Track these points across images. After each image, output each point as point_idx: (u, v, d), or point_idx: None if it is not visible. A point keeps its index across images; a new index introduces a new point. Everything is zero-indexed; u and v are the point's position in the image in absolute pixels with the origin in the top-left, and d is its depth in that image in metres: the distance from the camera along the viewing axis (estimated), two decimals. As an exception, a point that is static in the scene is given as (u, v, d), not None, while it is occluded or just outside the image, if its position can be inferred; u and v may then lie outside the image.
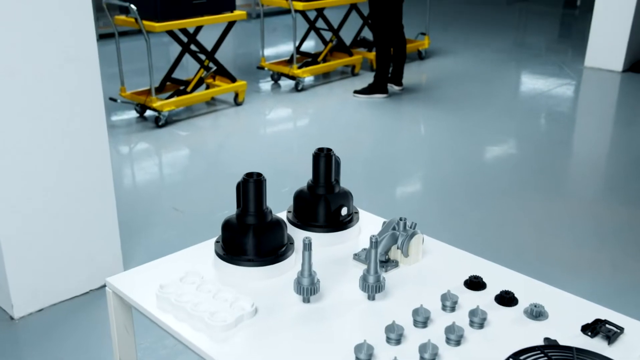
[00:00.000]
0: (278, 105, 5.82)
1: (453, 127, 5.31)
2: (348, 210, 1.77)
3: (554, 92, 6.33)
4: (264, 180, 1.58)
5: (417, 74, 6.80)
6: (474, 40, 8.23)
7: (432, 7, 7.46)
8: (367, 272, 1.47)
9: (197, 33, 5.39)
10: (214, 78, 5.60)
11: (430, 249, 1.73)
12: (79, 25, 2.56)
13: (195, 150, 4.91)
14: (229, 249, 1.59)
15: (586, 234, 3.68)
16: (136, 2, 4.79)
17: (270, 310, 1.45)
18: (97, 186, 2.89)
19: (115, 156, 4.54)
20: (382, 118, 5.52)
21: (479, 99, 6.00)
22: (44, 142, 2.62)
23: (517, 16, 10.72)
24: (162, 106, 5.00)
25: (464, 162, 4.64)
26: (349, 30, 6.87)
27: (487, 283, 1.56)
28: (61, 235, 2.81)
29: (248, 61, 6.98)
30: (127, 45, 6.65)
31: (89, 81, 2.66)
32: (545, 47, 8.28)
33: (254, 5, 9.42)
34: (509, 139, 5.18)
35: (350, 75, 6.56)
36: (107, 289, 1.57)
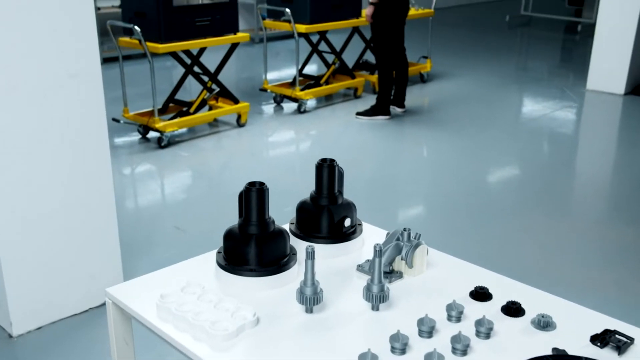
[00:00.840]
0: (280, 127, 5.83)
1: (456, 148, 5.30)
2: (351, 221, 1.75)
3: (556, 114, 6.34)
4: (267, 190, 1.57)
5: (420, 96, 6.82)
6: (476, 64, 8.27)
7: (433, 31, 7.51)
8: (370, 282, 1.45)
9: (200, 55, 5.41)
10: (216, 100, 5.62)
11: (434, 261, 1.70)
12: (82, 41, 2.57)
13: (198, 170, 4.90)
14: (231, 259, 1.57)
15: (591, 254, 3.64)
16: (140, 24, 4.82)
17: (273, 320, 1.43)
18: (99, 204, 2.87)
19: (118, 176, 4.53)
20: (384, 139, 5.52)
21: (481, 121, 6.00)
22: (45, 157, 2.61)
23: (518, 41, 10.79)
24: (164, 127, 5.01)
25: (467, 182, 4.63)
26: (352, 53, 6.91)
27: (493, 294, 1.53)
28: (61, 252, 2.78)
29: (251, 84, 7.01)
30: (130, 69, 6.70)
31: (92, 97, 2.66)
32: (547, 71, 8.32)
33: (257, 30, 9.49)
34: (511, 160, 5.17)
35: (352, 98, 6.58)
36: (107, 299, 1.54)
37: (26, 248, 2.66)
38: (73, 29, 2.53)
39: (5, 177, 2.53)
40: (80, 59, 2.58)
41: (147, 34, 4.85)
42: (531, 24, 11.72)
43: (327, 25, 6.13)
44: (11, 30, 2.39)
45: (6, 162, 2.52)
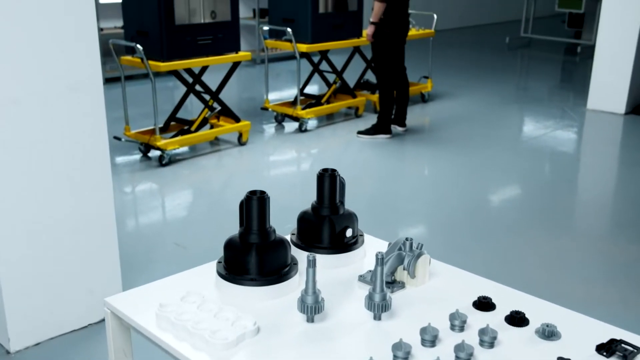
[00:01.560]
0: (282, 145, 5.83)
1: (457, 166, 5.30)
2: (353, 232, 1.74)
3: (557, 133, 6.34)
4: (268, 198, 1.56)
5: (420, 115, 6.83)
6: (476, 84, 8.30)
7: (434, 51, 7.55)
8: (372, 291, 1.43)
9: (202, 73, 5.44)
10: (218, 118, 5.63)
11: (436, 271, 1.69)
12: (84, 54, 2.58)
13: (199, 188, 4.90)
14: (231, 268, 1.55)
15: (594, 270, 3.62)
16: (142, 42, 4.84)
17: (273, 330, 1.41)
18: (99, 219, 2.86)
19: (118, 193, 4.52)
20: (385, 158, 5.52)
21: (482, 140, 6.01)
22: (46, 171, 2.61)
23: (518, 62, 10.85)
24: (165, 145, 5.01)
25: (468, 200, 4.61)
26: (353, 73, 6.94)
27: (497, 304, 1.51)
28: (61, 268, 2.76)
29: (252, 104, 7.03)
30: (132, 89, 6.73)
31: (94, 111, 2.67)
32: (547, 91, 8.34)
33: (259, 51, 9.54)
34: (513, 178, 5.16)
35: (353, 117, 6.59)
36: (106, 309, 1.53)
37: (25, 263, 2.65)
38: (75, 42, 2.54)
39: (6, 191, 2.52)
40: (82, 73, 2.59)
41: (149, 52, 4.88)
42: (531, 45, 11.79)
43: (328, 44, 6.16)
44: (14, 43, 2.40)
45: (6, 176, 2.51)
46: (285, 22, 5.95)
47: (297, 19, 5.91)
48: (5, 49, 2.39)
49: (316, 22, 5.91)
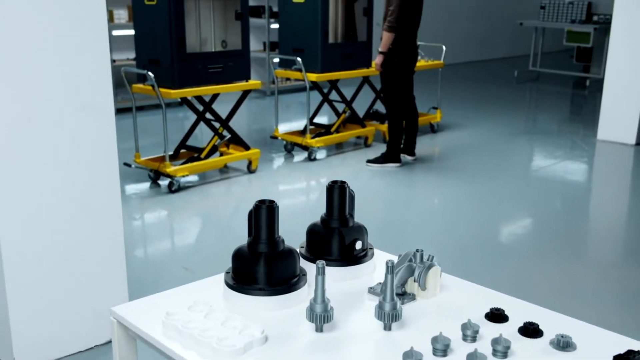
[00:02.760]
0: (291, 174, 5.84)
1: (467, 194, 5.28)
2: (363, 244, 1.72)
3: (567, 163, 6.32)
4: (277, 208, 1.54)
5: (430, 145, 6.84)
6: (486, 116, 8.32)
7: (443, 83, 7.59)
8: (382, 300, 1.40)
9: (212, 101, 5.48)
10: (227, 146, 5.65)
11: (447, 284, 1.66)
12: (95, 73, 2.60)
13: (208, 215, 4.89)
14: (240, 278, 1.53)
15: (608, 297, 3.56)
16: (154, 70, 4.90)
17: (281, 339, 1.38)
18: (108, 242, 2.85)
19: (127, 219, 4.51)
20: (395, 186, 5.51)
21: (492, 169, 5.99)
22: (56, 191, 2.61)
23: (527, 95, 10.88)
24: (175, 171, 5.03)
25: (478, 227, 4.58)
26: (362, 103, 6.97)
27: (509, 316, 1.48)
28: (68, 289, 2.75)
29: (262, 135, 7.06)
30: (143, 120, 6.79)
31: (104, 129, 2.68)
32: (557, 123, 8.34)
33: (269, 83, 9.63)
34: (524, 206, 5.12)
35: (363, 147, 6.60)
36: (112, 318, 1.51)
37: (33, 284, 2.63)
38: (88, 64, 2.57)
39: (15, 211, 2.52)
40: (95, 94, 2.61)
41: (160, 80, 4.92)
42: (540, 79, 11.83)
43: (337, 74, 6.20)
44: (28, 62, 2.43)
45: (17, 195, 2.51)
46: (295, 52, 6.01)
47: (307, 48, 5.96)
48: (20, 69, 2.41)
49: (326, 51, 5.96)
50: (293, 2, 5.98)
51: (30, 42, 2.42)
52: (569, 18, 11.71)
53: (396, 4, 5.41)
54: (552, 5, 11.91)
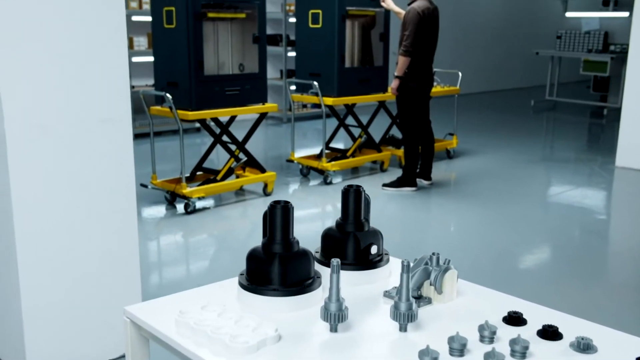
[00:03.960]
0: (307, 197, 5.83)
1: (483, 218, 5.23)
2: (378, 249, 1.70)
3: (586, 189, 6.26)
4: (291, 208, 1.54)
5: (446, 171, 6.81)
6: (502, 143, 8.29)
7: (459, 111, 7.59)
8: (398, 300, 1.38)
9: (229, 124, 5.51)
10: (243, 169, 5.67)
11: (464, 290, 1.64)
12: (115, 87, 2.63)
13: (223, 237, 4.88)
14: (254, 278, 1.52)
15: (630, 319, 3.49)
16: (172, 93, 4.95)
17: (295, 338, 1.36)
18: (123, 254, 2.85)
19: (143, 239, 4.52)
20: (411, 210, 5.48)
21: (509, 195, 5.94)
22: (73, 202, 2.62)
23: (544, 123, 10.84)
24: (191, 193, 5.04)
25: (495, 249, 4.53)
26: (378, 128, 6.99)
27: (528, 320, 1.45)
28: (82, 303, 2.74)
29: (278, 161, 7.08)
30: (160, 145, 6.84)
31: (122, 142, 2.70)
32: (574, 151, 8.28)
33: (285, 110, 9.69)
34: (541, 230, 5.06)
35: (379, 171, 6.59)
36: (125, 317, 1.50)
37: (47, 298, 2.63)
38: (106, 74, 2.60)
39: (34, 223, 2.53)
40: (113, 106, 2.64)
41: (178, 102, 4.97)
42: (556, 108, 11.80)
43: (354, 98, 6.23)
44: (51, 75, 2.46)
45: (35, 207, 2.53)
46: (312, 76, 6.05)
47: (323, 73, 6.00)
48: (43, 81, 2.45)
49: (342, 76, 6.00)
50: (310, 27, 6.04)
51: (53, 55, 2.46)
52: (585, 48, 11.72)
53: (411, 29, 5.45)
54: (568, 35, 11.93)
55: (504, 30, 14.08)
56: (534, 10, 14.57)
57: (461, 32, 12.88)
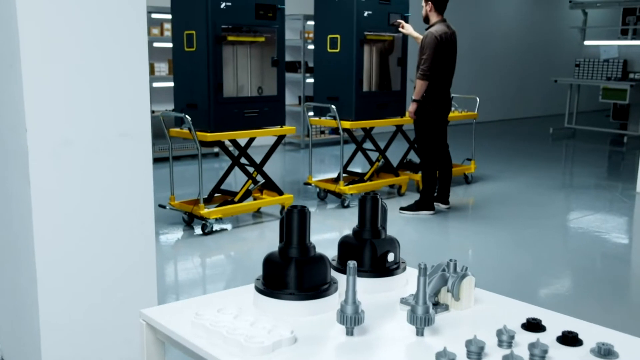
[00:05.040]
0: (324, 220, 5.83)
1: (502, 242, 5.19)
2: (395, 257, 1.70)
3: (607, 213, 6.18)
4: (309, 212, 1.54)
5: (464, 195, 6.78)
6: (521, 170, 8.25)
7: (477, 139, 7.58)
8: (415, 303, 1.37)
9: (248, 146, 5.55)
10: (261, 192, 5.68)
11: (481, 298, 1.62)
12: (136, 101, 2.67)
13: (240, 259, 4.88)
14: (270, 283, 1.52)
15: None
16: (191, 114, 5.00)
17: (311, 341, 1.35)
18: (140, 267, 2.86)
19: (160, 260, 4.53)
20: (428, 233, 5.45)
21: (528, 219, 5.89)
22: (92, 215, 2.64)
23: (563, 151, 10.78)
24: (209, 214, 5.06)
25: (514, 272, 4.48)
26: (396, 152, 6.99)
27: (547, 327, 1.43)
28: (100, 316, 2.74)
29: (296, 185, 7.11)
30: (179, 169, 6.88)
31: (141, 157, 2.72)
32: (595, 177, 8.21)
33: (303, 136, 9.74)
34: (561, 253, 5.00)
35: (396, 195, 6.58)
36: (141, 320, 1.50)
37: (65, 311, 2.64)
38: (128, 87, 2.64)
39: (51, 234, 2.55)
40: (133, 119, 2.67)
41: (197, 123, 5.02)
42: (576, 136, 11.74)
43: (371, 122, 6.25)
44: (71, 89, 2.51)
45: (54, 220, 2.55)
46: (329, 100, 6.09)
47: (341, 96, 6.04)
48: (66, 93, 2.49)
49: (360, 100, 6.03)
50: (328, 52, 6.10)
51: (77, 72, 2.51)
52: (604, 76, 11.68)
53: (429, 53, 5.48)
54: (586, 63, 11.92)
55: (522, 58, 14.10)
56: (552, 38, 14.60)
57: (480, 60, 12.92)
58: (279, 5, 5.27)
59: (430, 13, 5.67)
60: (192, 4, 5.01)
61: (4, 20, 2.40)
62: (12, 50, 2.36)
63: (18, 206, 2.57)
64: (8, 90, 2.46)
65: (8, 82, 2.44)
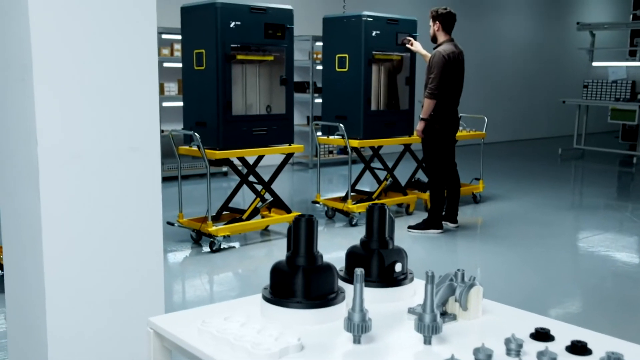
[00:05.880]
0: (332, 238, 5.82)
1: (511, 260, 5.16)
2: (402, 267, 1.69)
3: (616, 233, 6.14)
4: (316, 222, 1.54)
5: (473, 215, 6.76)
6: (529, 189, 8.22)
7: (485, 159, 7.57)
8: (422, 311, 1.37)
9: (256, 164, 5.57)
10: (269, 210, 5.69)
11: (489, 308, 1.61)
12: (146, 115, 2.69)
13: (247, 277, 4.88)
14: (277, 291, 1.52)
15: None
16: (200, 132, 5.03)
17: (318, 348, 1.35)
18: (148, 284, 2.86)
19: (168, 276, 4.53)
20: (436, 251, 5.43)
21: (537, 238, 5.86)
22: (101, 228, 2.65)
23: (572, 172, 10.75)
24: (217, 231, 5.07)
25: (522, 291, 4.45)
26: (403, 172, 6.99)
27: (556, 336, 1.42)
28: (105, 329, 2.74)
29: (304, 205, 7.11)
30: (188, 188, 6.90)
31: (150, 171, 2.74)
32: (605, 197, 8.18)
33: (312, 156, 9.77)
34: (571, 272, 4.97)
35: (404, 214, 6.56)
36: (148, 329, 1.50)
37: (72, 324, 2.64)
38: (138, 102, 2.67)
39: (60, 247, 2.56)
40: (143, 133, 2.69)
41: (206, 141, 5.05)
42: (584, 157, 11.71)
43: (379, 141, 6.27)
44: (80, 99, 2.53)
45: (62, 230, 2.56)
46: (338, 118, 6.12)
47: (349, 115, 6.07)
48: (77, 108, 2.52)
49: (368, 118, 6.05)
50: (337, 71, 6.14)
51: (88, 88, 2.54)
52: (612, 96, 11.68)
53: (437, 72, 5.50)
54: (594, 84, 11.92)
55: (530, 80, 14.13)
56: (560, 59, 14.64)
57: (488, 81, 12.96)
58: (288, 25, 5.32)
59: (438, 32, 5.71)
60: (202, 23, 5.07)
61: (17, 34, 2.44)
62: (25, 64, 2.39)
63: (28, 219, 2.58)
64: (19, 103, 2.49)
65: (19, 95, 2.47)
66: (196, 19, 5.17)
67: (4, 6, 2.54)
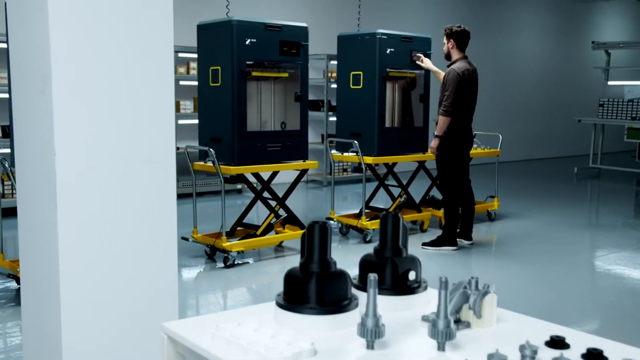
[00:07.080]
0: (346, 255, 5.80)
1: (526, 278, 5.12)
2: (416, 276, 1.69)
3: (634, 251, 6.07)
4: (330, 228, 1.55)
5: (487, 233, 6.73)
6: (545, 208, 8.17)
7: (500, 178, 7.55)
8: (436, 317, 1.36)
9: (270, 180, 5.59)
10: (283, 226, 5.70)
11: (503, 317, 1.61)
12: (161, 127, 2.72)
13: (260, 293, 4.87)
14: (291, 297, 1.52)
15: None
16: (215, 148, 5.07)
17: (331, 354, 1.35)
18: (162, 295, 2.87)
19: (182, 291, 4.53)
20: (451, 268, 5.40)
21: (553, 255, 5.82)
22: (117, 240, 2.67)
23: (588, 191, 10.67)
24: (231, 247, 5.08)
25: (537, 307, 4.39)
26: (418, 189, 6.98)
27: (571, 344, 1.41)
28: (119, 343, 2.75)
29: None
30: (202, 205, 6.93)
31: (165, 183, 2.76)
32: (622, 216, 8.10)
33: (326, 174, 9.79)
34: (586, 289, 4.92)
35: (418, 232, 6.54)
36: (162, 334, 1.51)
37: (86, 337, 2.65)
38: (154, 115, 2.70)
39: (76, 258, 2.58)
40: (158, 146, 2.72)
41: (221, 157, 5.08)
42: (601, 176, 11.63)
43: (393, 158, 6.27)
44: (98, 112, 2.57)
45: (79, 240, 2.58)
46: (352, 136, 6.14)
47: (363, 132, 6.09)
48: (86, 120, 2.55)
49: (382, 135, 6.07)
50: (351, 88, 6.17)
51: (105, 95, 2.57)
52: (629, 115, 11.61)
53: (452, 89, 5.52)
54: (610, 103, 11.86)
55: (545, 98, 14.10)
56: (576, 78, 14.60)
57: (503, 100, 12.95)
58: (303, 42, 5.37)
59: (452, 50, 5.73)
60: (218, 40, 5.13)
61: (36, 47, 2.48)
62: (44, 76, 2.43)
63: (44, 230, 2.61)
64: (38, 114, 2.53)
65: (38, 107, 2.51)
66: (212, 36, 5.23)
67: (23, 19, 2.59)
